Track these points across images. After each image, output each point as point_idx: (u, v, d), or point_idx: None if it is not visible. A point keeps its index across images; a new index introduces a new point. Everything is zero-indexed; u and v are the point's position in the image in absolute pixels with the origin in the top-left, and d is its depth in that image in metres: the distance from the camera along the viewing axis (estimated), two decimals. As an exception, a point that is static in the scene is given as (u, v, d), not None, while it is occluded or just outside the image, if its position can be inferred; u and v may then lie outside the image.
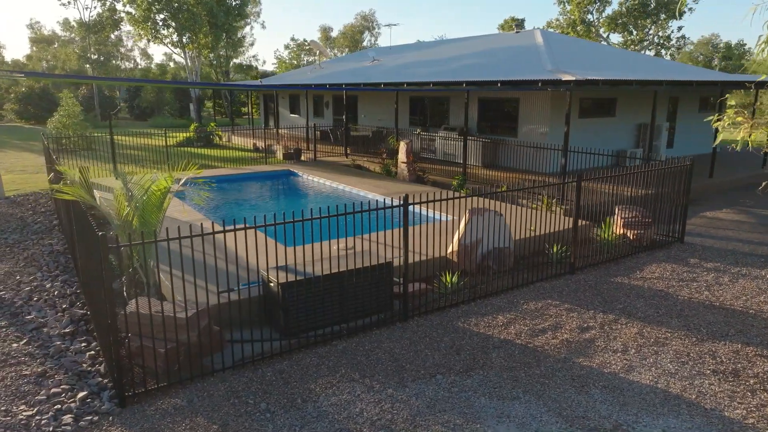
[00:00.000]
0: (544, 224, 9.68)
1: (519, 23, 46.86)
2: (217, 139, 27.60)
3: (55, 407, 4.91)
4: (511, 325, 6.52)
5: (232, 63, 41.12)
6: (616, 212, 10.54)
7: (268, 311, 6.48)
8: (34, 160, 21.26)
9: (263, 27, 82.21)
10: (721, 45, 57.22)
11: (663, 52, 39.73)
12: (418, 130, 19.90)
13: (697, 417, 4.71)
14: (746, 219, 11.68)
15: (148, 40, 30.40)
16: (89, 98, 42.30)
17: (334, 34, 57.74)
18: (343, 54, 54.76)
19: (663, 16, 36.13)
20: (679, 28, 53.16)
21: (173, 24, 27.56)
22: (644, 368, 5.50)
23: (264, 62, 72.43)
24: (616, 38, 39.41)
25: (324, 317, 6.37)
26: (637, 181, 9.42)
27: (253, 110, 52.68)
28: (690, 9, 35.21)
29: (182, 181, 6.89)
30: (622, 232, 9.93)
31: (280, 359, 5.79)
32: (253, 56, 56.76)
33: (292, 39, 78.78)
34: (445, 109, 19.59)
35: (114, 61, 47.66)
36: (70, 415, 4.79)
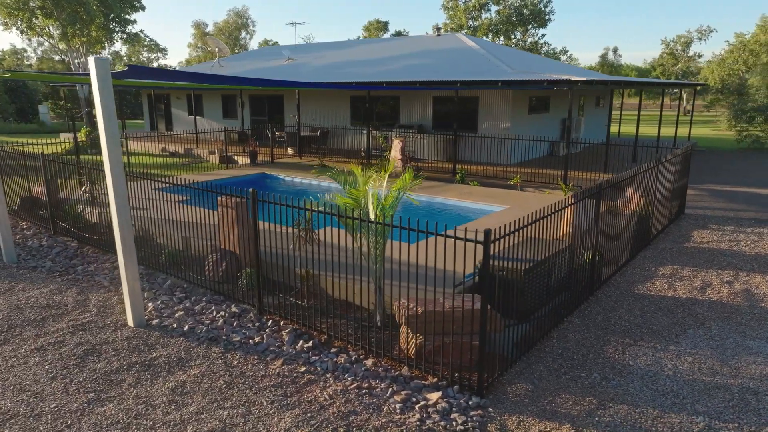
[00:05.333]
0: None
1: (384, 25, 48.94)
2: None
3: (430, 410, 4.86)
4: (674, 287, 7.74)
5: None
6: (628, 193, 12.47)
7: (493, 298, 6.82)
8: None
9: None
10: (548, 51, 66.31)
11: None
12: (370, 129, 20.33)
13: None
14: (697, 192, 14.51)
15: (21, 32, 25.37)
16: None
17: (208, 29, 54.09)
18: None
19: (533, 24, 41.19)
20: (543, 35, 60.54)
21: (55, 14, 23.50)
22: (810, 303, 7.12)
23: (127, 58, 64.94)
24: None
25: (541, 298, 6.93)
26: (667, 167, 11.32)
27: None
28: (549, 19, 40.81)
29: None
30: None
31: (547, 338, 6.26)
32: (116, 51, 50.82)
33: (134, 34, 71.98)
34: (394, 108, 20.31)
35: None
36: (456, 414, 4.80)
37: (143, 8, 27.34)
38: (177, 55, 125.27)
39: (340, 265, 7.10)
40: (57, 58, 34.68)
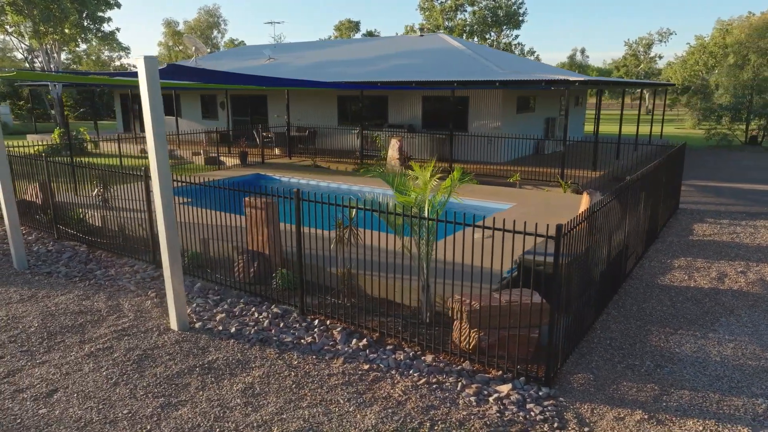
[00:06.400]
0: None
1: (356, 25, 48.95)
2: (92, 146, 23.97)
3: (505, 401, 4.98)
4: (693, 278, 8.10)
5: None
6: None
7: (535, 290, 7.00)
8: None
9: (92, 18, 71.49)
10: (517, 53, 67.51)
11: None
12: (357, 129, 20.37)
13: None
14: (685, 188, 15.12)
15: (-12, 29, 24.14)
16: None
17: (179, 28, 52.69)
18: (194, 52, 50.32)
19: (508, 25, 41.99)
20: (516, 36, 61.41)
21: (26, 11, 22.35)
22: (823, 290, 7.56)
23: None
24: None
25: (583, 291, 7.16)
26: (669, 163, 11.78)
27: (66, 112, 45.60)
28: (522, 20, 41.78)
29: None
30: (644, 203, 12.29)
31: (591, 330, 6.48)
32: (82, 51, 48.75)
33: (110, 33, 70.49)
34: (383, 108, 20.39)
35: None
36: (531, 405, 4.93)
37: (119, 5, 26.35)
38: (138, 53, 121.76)
39: (380, 264, 7.15)
40: (19, 56, 33.25)
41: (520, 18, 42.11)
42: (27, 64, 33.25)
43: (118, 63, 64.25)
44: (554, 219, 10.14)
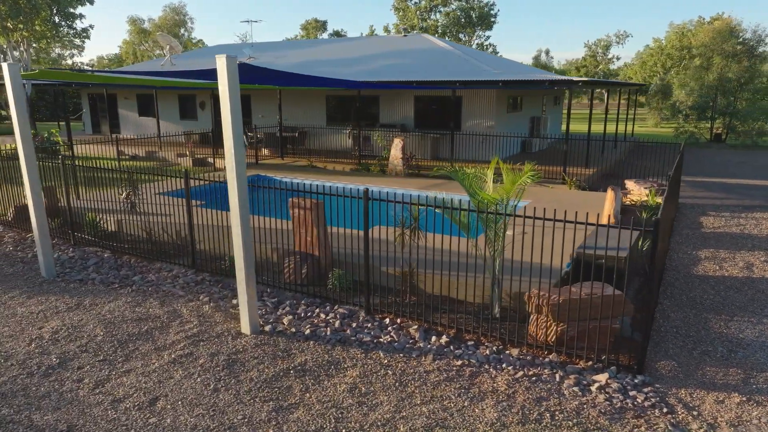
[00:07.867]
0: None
1: (323, 24, 48.71)
2: (64, 148, 22.93)
3: (608, 390, 5.14)
4: (724, 268, 8.53)
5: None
6: (628, 185, 13.47)
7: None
8: None
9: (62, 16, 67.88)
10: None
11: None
12: (349, 129, 20.34)
13: None
14: (674, 183, 15.85)
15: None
16: None
17: (145, 25, 50.79)
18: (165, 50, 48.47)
19: (480, 26, 42.69)
20: (488, 38, 62.04)
21: None
22: None
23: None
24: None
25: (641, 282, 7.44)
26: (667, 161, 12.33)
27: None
28: (493, 21, 42.62)
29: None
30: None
31: (654, 319, 6.75)
32: (42, 50, 46.21)
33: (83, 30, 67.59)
34: (374, 107, 20.41)
35: None
36: (634, 392, 5.11)
37: (91, 1, 25.17)
38: (91, 51, 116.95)
39: (439, 263, 7.22)
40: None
41: (492, 19, 43.04)
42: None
43: (69, 61, 61.61)
44: (573, 214, 10.44)
